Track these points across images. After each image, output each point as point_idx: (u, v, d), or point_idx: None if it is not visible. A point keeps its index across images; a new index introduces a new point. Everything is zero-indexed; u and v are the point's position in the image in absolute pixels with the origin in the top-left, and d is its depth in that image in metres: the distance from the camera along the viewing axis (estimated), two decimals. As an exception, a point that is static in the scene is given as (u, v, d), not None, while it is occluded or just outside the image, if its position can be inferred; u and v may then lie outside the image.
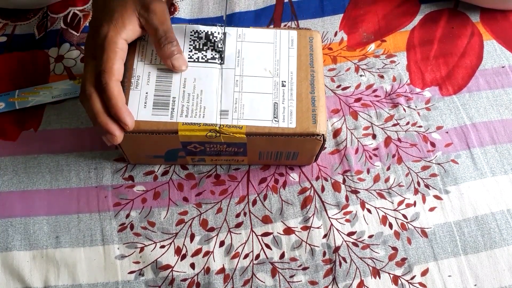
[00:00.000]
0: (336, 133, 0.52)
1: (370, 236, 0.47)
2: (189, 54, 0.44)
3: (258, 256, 0.46)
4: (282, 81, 0.43)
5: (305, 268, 0.46)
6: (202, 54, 0.44)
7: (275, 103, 0.42)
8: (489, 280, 0.45)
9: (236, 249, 0.47)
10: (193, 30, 0.45)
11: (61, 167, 0.50)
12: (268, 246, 0.47)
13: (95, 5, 0.43)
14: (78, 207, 0.48)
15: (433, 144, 0.51)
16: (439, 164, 0.50)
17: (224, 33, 0.45)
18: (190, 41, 0.44)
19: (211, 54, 0.44)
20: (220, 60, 0.44)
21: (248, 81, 0.43)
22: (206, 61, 0.43)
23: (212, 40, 0.44)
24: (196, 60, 0.43)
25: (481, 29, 0.58)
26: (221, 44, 0.44)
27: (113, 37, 0.40)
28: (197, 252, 0.46)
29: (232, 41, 0.44)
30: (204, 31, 0.45)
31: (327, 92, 0.54)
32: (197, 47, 0.44)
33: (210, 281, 0.45)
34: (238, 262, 0.46)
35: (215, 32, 0.45)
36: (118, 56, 0.40)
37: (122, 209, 0.48)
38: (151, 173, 0.50)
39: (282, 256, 0.46)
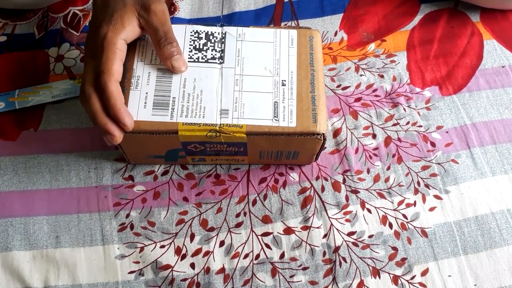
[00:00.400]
0: (336, 133, 0.52)
1: (370, 236, 0.47)
2: (189, 54, 0.44)
3: (258, 256, 0.46)
4: (282, 80, 0.43)
5: (305, 268, 0.46)
6: (202, 54, 0.44)
7: (275, 102, 0.42)
8: (489, 280, 0.45)
9: (236, 249, 0.47)
10: (193, 30, 0.45)
11: (61, 167, 0.50)
12: (268, 246, 0.47)
13: (95, 5, 0.43)
14: (78, 207, 0.48)
15: (433, 144, 0.51)
16: (439, 163, 0.50)
17: (224, 33, 0.45)
18: (190, 41, 0.44)
19: (211, 54, 0.44)
20: (220, 60, 0.44)
21: (248, 80, 0.43)
22: (206, 61, 0.43)
23: (212, 40, 0.44)
24: (196, 60, 0.43)
25: (481, 28, 0.58)
26: (221, 44, 0.44)
27: (112, 38, 0.40)
28: (197, 252, 0.46)
29: (232, 41, 0.44)
30: (204, 31, 0.45)
31: (327, 92, 0.54)
32: (197, 47, 0.44)
33: (210, 281, 0.45)
34: (238, 262, 0.46)
35: (215, 32, 0.45)
36: (117, 57, 0.40)
37: (122, 209, 0.48)
38: (151, 173, 0.50)
39: (282, 256, 0.46)
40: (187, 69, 0.43)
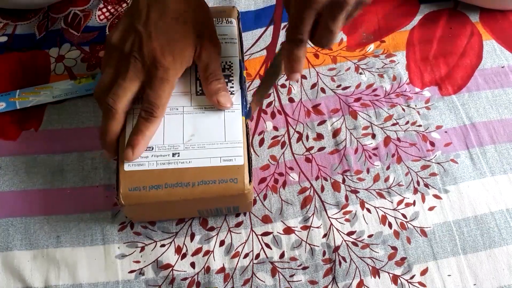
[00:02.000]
0: (335, 133, 0.52)
1: (370, 236, 0.47)
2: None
3: (258, 255, 0.46)
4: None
5: (305, 268, 0.46)
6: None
7: None
8: (489, 280, 0.45)
9: (236, 248, 0.47)
10: None
11: (61, 167, 0.50)
12: (268, 246, 0.47)
13: (149, 14, 0.42)
14: (78, 206, 0.48)
15: (432, 144, 0.51)
16: (438, 163, 0.50)
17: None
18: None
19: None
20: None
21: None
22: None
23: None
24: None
25: (480, 29, 0.58)
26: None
27: (173, 77, 0.42)
28: (197, 252, 0.47)
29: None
30: None
31: (328, 92, 0.54)
32: None
33: (210, 280, 0.45)
34: (238, 261, 0.46)
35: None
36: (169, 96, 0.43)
37: (122, 208, 0.48)
38: (152, 172, 0.50)
39: (282, 255, 0.46)
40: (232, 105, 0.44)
